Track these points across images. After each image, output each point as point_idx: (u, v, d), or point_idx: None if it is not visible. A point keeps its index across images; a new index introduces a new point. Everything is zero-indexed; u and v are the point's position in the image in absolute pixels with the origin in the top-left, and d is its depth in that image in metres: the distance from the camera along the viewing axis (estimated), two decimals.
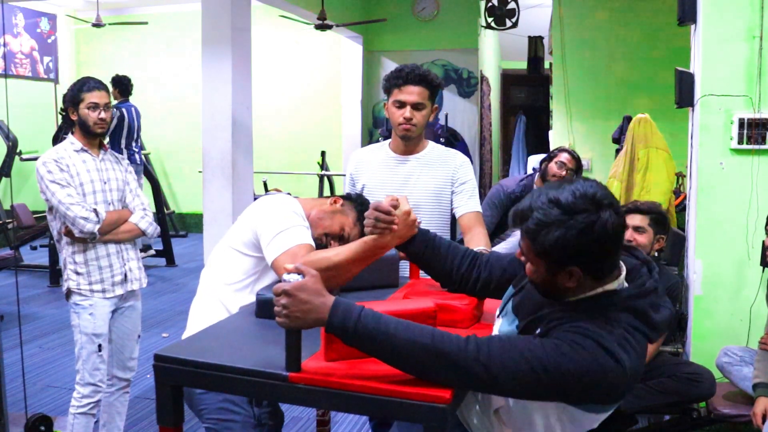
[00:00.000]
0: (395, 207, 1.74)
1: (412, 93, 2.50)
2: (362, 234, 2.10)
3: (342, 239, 2.17)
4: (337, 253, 1.84)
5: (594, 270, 1.40)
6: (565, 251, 1.35)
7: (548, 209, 1.35)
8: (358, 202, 2.27)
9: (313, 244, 2.00)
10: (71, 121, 2.80)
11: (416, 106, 2.52)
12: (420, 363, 1.33)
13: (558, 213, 1.34)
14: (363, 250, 1.81)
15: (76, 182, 2.72)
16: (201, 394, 1.98)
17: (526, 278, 1.54)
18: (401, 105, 2.53)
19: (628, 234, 2.92)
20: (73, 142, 2.79)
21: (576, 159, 3.76)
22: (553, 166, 3.70)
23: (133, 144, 6.73)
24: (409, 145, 2.62)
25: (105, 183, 2.80)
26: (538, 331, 1.41)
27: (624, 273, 1.46)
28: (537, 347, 1.33)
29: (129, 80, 6.84)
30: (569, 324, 1.37)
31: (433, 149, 2.67)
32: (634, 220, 2.97)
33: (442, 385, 1.35)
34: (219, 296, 2.08)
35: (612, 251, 1.39)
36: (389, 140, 2.73)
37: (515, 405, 1.48)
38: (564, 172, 3.66)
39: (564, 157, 3.72)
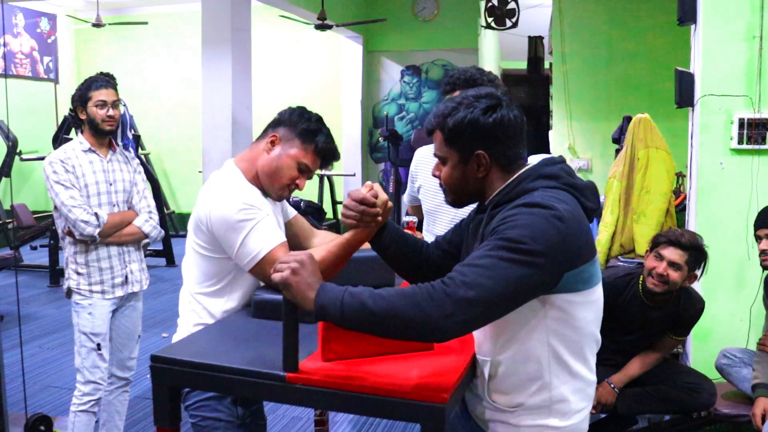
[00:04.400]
0: (375, 197, 1.65)
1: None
2: (320, 156, 1.97)
3: (304, 173, 1.97)
4: (321, 259, 1.73)
5: (500, 156, 1.49)
6: (472, 127, 1.46)
7: (459, 99, 1.50)
8: (292, 122, 1.96)
9: (283, 237, 1.89)
10: (80, 120, 2.79)
11: None
12: (411, 316, 1.29)
13: (466, 100, 1.49)
14: (344, 248, 1.75)
15: (81, 183, 2.71)
16: (190, 391, 1.91)
17: (469, 242, 1.59)
18: None
19: (662, 268, 2.67)
20: (81, 141, 2.79)
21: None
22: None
23: (129, 134, 6.69)
24: None
25: (111, 184, 2.79)
26: None
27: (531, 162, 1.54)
28: (488, 245, 1.36)
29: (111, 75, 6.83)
30: (499, 217, 1.41)
31: None
32: (672, 254, 2.66)
33: (444, 334, 1.30)
34: (199, 300, 1.97)
35: (514, 137, 1.49)
36: None
37: (508, 358, 1.45)
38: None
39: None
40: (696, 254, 2.70)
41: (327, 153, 1.98)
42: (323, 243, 2.02)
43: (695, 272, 2.74)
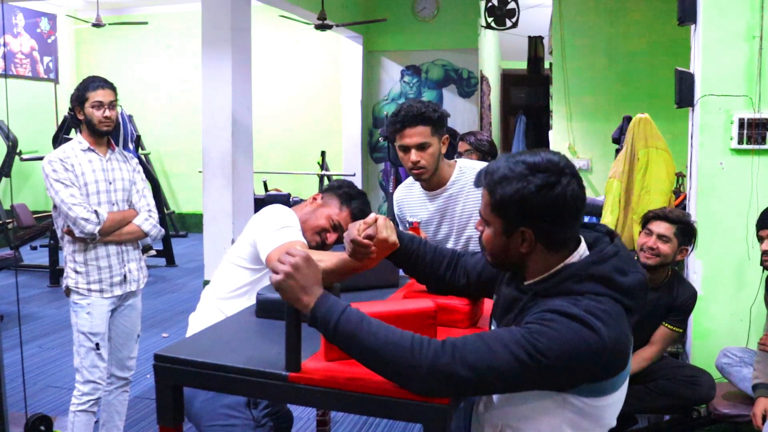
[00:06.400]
0: (371, 238, 1.67)
1: (412, 136, 2.38)
2: (352, 216, 2.26)
3: (335, 228, 2.27)
4: (320, 260, 1.83)
5: (547, 237, 1.39)
6: (521, 205, 1.35)
7: (514, 166, 1.38)
8: (337, 187, 2.35)
9: (305, 242, 2.10)
10: (79, 120, 2.80)
11: (421, 147, 2.39)
12: (400, 370, 1.30)
13: (522, 169, 1.36)
14: (344, 265, 1.82)
15: (80, 182, 2.72)
16: (199, 404, 2.00)
17: (501, 284, 1.54)
18: (406, 149, 2.41)
19: (651, 241, 2.81)
20: (80, 141, 2.80)
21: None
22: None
23: (130, 146, 6.67)
24: (431, 182, 2.50)
25: (110, 183, 2.80)
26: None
27: (584, 246, 1.44)
28: (513, 335, 1.31)
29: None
30: (537, 309, 1.36)
31: (460, 174, 2.51)
32: (659, 227, 2.83)
33: (429, 394, 1.32)
34: (217, 304, 2.17)
35: (568, 220, 1.38)
36: None
37: (519, 429, 1.42)
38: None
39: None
40: (683, 227, 2.85)
41: (359, 214, 2.25)
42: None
43: (685, 247, 2.87)
